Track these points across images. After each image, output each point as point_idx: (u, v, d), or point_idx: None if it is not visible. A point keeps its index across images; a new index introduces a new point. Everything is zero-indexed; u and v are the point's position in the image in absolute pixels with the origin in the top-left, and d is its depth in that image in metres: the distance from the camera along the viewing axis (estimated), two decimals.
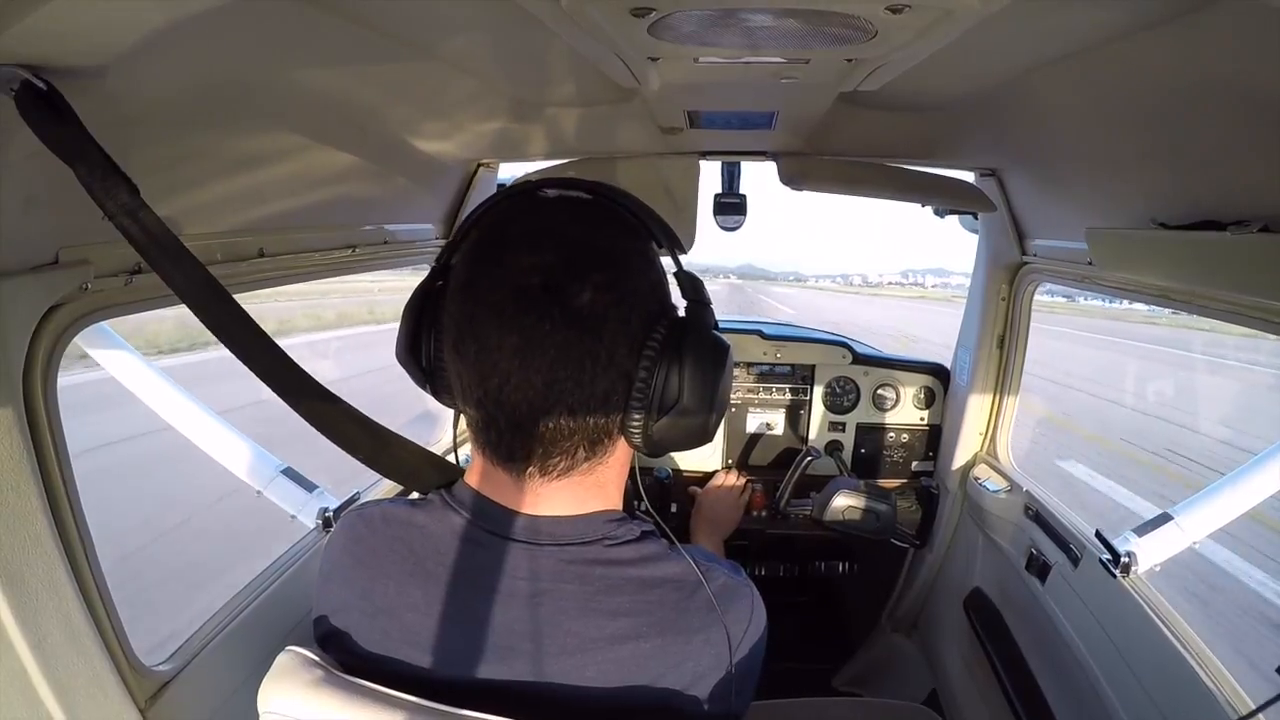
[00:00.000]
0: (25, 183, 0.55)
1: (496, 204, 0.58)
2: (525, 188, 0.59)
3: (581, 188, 0.59)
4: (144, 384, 1.10)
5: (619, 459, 0.60)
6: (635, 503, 0.66)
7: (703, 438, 0.59)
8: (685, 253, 0.62)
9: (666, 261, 0.62)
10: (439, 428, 1.76)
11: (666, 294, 0.59)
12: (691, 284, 0.59)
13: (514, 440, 0.55)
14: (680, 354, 0.55)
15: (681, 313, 0.59)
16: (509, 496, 0.58)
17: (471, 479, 0.60)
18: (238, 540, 3.30)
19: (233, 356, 0.60)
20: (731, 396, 1.77)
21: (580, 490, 0.58)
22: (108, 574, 0.69)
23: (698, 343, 0.56)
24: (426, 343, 0.60)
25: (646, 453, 0.58)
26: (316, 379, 0.63)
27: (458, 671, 0.55)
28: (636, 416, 0.55)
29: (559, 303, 0.51)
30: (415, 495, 0.69)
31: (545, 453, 0.55)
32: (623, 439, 0.58)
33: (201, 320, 0.57)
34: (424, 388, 0.63)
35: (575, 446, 0.55)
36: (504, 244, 0.54)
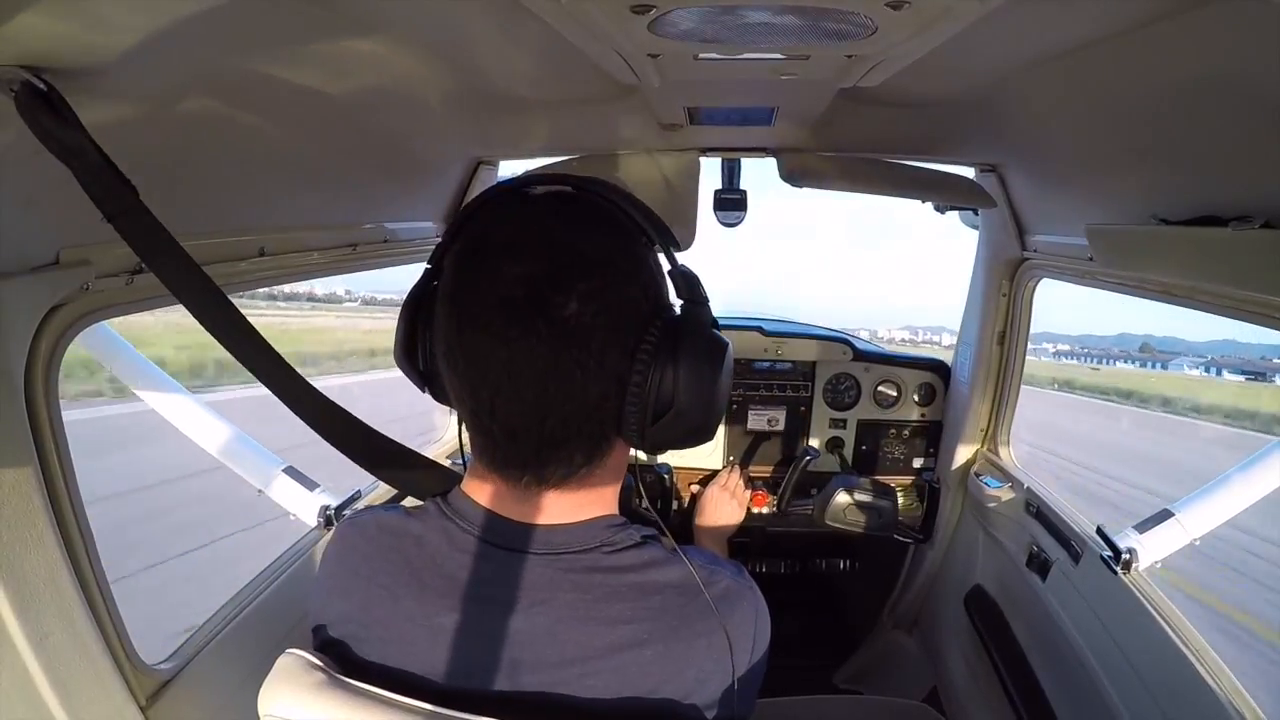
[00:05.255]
0: (26, 183, 0.55)
1: (483, 204, 0.57)
2: (512, 186, 0.58)
3: (570, 184, 0.57)
4: (145, 383, 1.10)
5: (616, 461, 0.60)
6: (636, 501, 0.65)
7: (703, 437, 0.58)
8: (683, 249, 0.61)
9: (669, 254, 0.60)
10: None
11: (659, 293, 0.57)
12: (687, 282, 0.57)
13: (509, 449, 0.54)
14: (675, 356, 0.53)
15: (678, 311, 0.57)
16: (505, 505, 0.57)
17: (468, 486, 0.60)
18: None
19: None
20: (732, 394, 1.78)
21: (578, 497, 0.58)
22: None
23: (693, 343, 0.54)
24: (423, 346, 0.59)
25: (647, 452, 0.58)
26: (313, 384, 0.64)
27: (455, 682, 0.54)
28: (633, 421, 0.54)
29: (544, 315, 0.50)
30: (408, 500, 0.69)
31: (541, 461, 0.54)
32: (621, 441, 0.57)
33: (199, 320, 0.57)
34: (423, 390, 0.62)
35: (572, 453, 0.55)
36: (488, 252, 0.53)
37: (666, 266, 0.59)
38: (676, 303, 0.59)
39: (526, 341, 0.50)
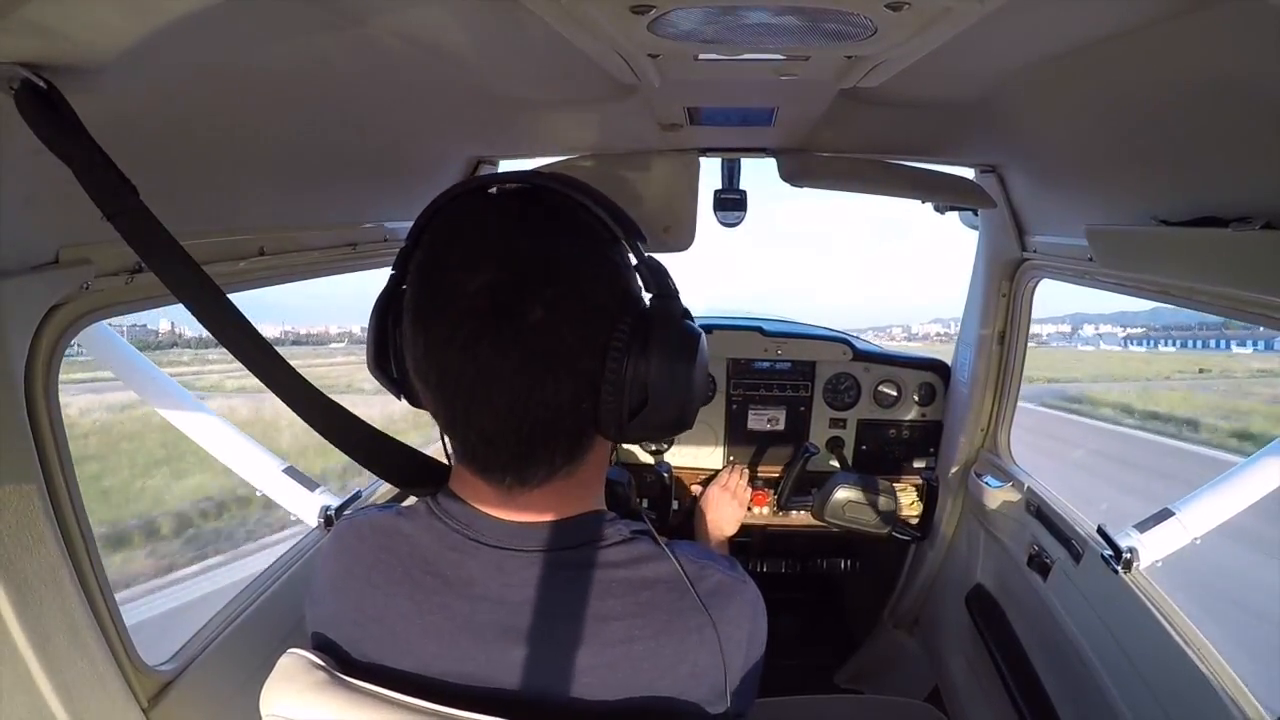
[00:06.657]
0: (25, 182, 0.55)
1: (444, 208, 0.56)
2: (472, 188, 0.57)
3: (530, 183, 0.57)
4: (144, 383, 1.10)
5: (598, 457, 0.60)
6: (634, 501, 0.66)
7: (681, 427, 0.58)
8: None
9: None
10: None
11: (627, 290, 0.56)
12: (654, 275, 0.57)
13: (488, 455, 0.54)
14: (646, 351, 0.53)
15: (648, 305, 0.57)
16: (492, 504, 0.57)
17: (455, 485, 0.60)
18: None
19: None
20: (732, 394, 1.79)
21: (563, 494, 0.58)
22: None
23: (663, 337, 0.54)
24: (394, 351, 0.59)
25: (627, 443, 0.57)
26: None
27: (450, 681, 0.54)
28: (609, 419, 0.54)
29: (510, 325, 0.50)
30: (407, 501, 0.69)
31: (521, 465, 0.54)
32: (600, 436, 0.57)
33: (198, 319, 0.57)
34: (399, 398, 0.62)
35: (552, 455, 0.55)
36: (450, 262, 0.52)
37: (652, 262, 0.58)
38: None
39: (495, 353, 0.50)
